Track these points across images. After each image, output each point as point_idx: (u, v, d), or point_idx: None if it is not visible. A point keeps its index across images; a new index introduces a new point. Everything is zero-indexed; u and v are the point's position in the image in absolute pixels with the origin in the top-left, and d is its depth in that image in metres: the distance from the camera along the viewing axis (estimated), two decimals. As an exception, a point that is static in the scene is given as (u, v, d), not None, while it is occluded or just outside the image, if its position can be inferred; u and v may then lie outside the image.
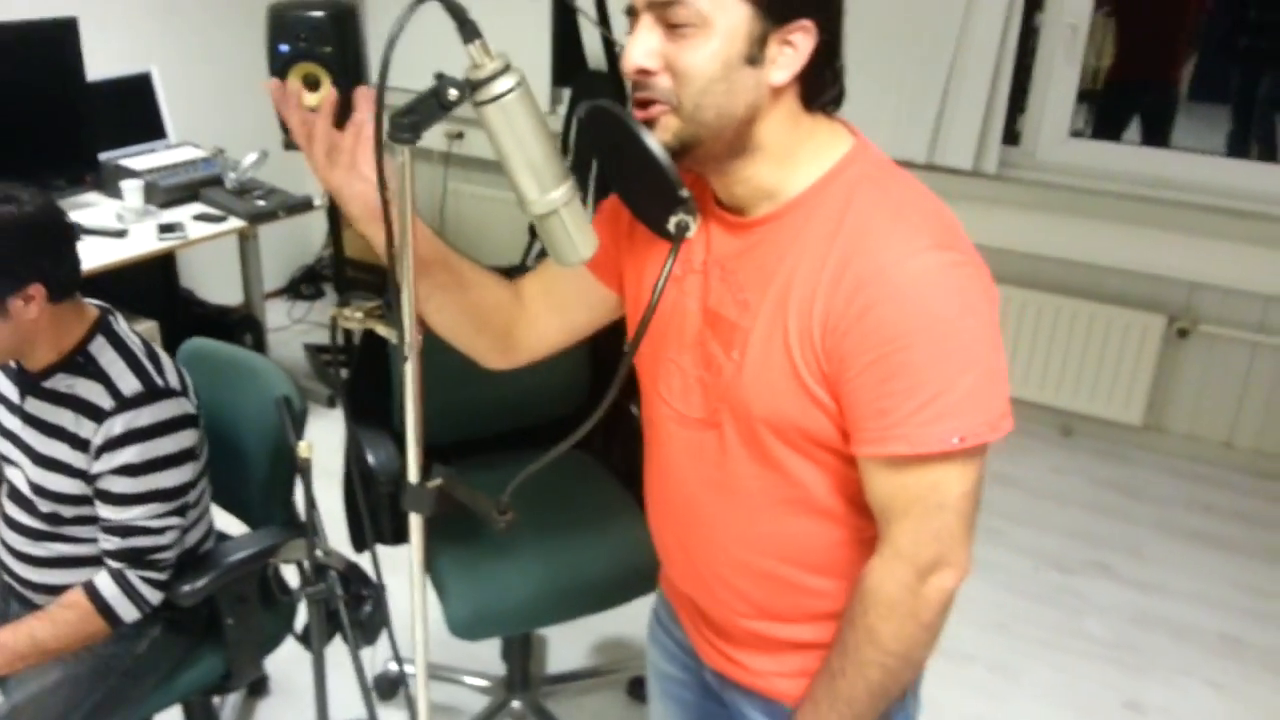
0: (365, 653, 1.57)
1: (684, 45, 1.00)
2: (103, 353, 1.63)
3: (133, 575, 1.59)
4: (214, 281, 3.87)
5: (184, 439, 1.63)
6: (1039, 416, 3.73)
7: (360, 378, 2.19)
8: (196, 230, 3.03)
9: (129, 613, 1.60)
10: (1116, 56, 4.06)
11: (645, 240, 1.18)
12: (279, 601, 1.74)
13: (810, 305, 1.03)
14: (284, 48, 1.91)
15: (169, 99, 3.41)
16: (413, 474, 1.08)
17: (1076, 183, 3.47)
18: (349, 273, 3.87)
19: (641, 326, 1.02)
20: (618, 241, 1.25)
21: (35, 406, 1.64)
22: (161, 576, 1.63)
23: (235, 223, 3.11)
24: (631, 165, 1.03)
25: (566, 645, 2.61)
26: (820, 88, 1.07)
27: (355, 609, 1.53)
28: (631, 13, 1.03)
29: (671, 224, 1.00)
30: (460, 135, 4.24)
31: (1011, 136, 3.59)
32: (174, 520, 1.63)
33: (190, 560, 1.71)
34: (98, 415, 1.58)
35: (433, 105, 0.95)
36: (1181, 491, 3.39)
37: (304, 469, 1.43)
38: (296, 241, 4.50)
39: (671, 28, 1.00)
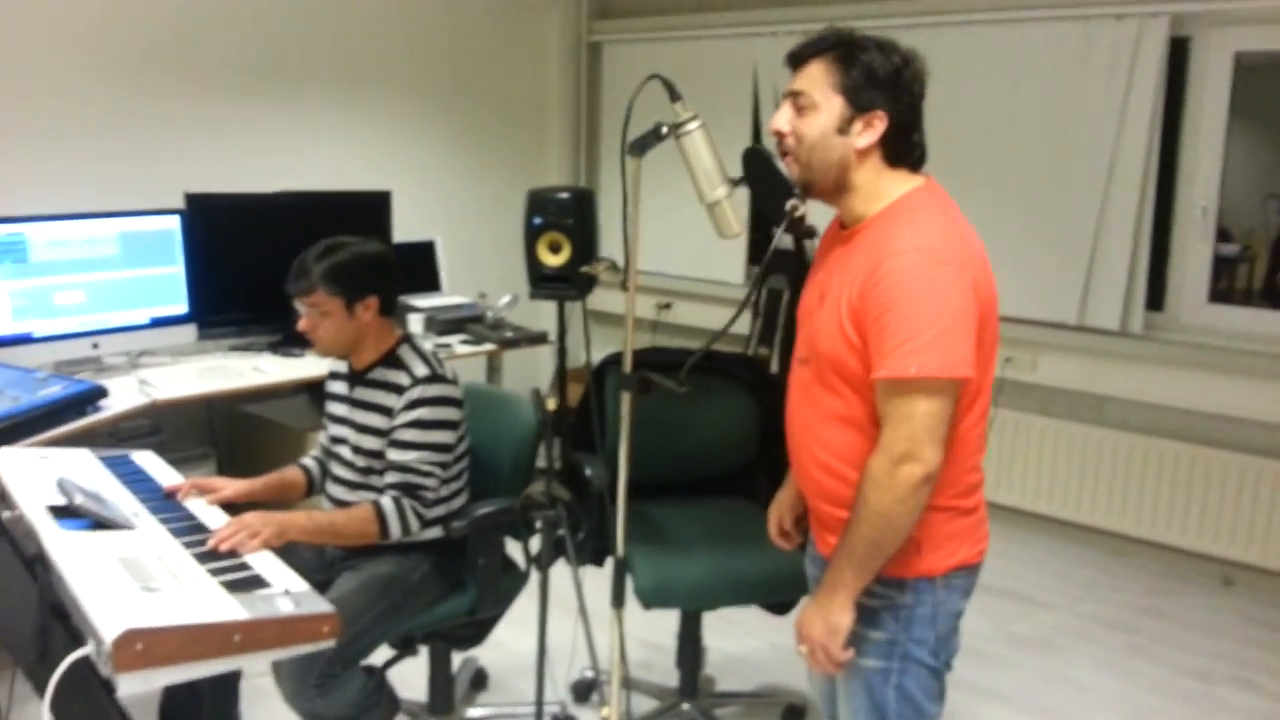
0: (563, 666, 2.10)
1: (803, 120, 1.66)
2: (406, 354, 2.40)
3: (404, 502, 2.26)
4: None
5: (452, 414, 2.35)
6: (1199, 566, 3.92)
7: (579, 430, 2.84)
8: (461, 350, 3.88)
9: (395, 528, 2.25)
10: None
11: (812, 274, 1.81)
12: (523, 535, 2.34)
13: (857, 280, 1.61)
14: (537, 220, 2.82)
15: (446, 256, 4.40)
16: (627, 367, 1.70)
17: (1219, 343, 3.82)
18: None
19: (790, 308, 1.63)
20: None
21: (360, 393, 2.40)
22: (423, 509, 2.28)
23: (488, 346, 3.95)
24: (768, 181, 1.68)
25: (731, 673, 3.06)
26: (899, 153, 1.67)
27: (575, 534, 2.11)
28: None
29: (788, 205, 1.64)
30: (669, 306, 5.02)
31: (1158, 303, 4.01)
32: (438, 470, 2.31)
33: (453, 515, 2.37)
34: (401, 390, 2.33)
35: (651, 136, 1.64)
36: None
37: (547, 420, 2.07)
38: (530, 372, 5.32)
39: (799, 109, 1.67)
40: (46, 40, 3.51)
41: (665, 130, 1.63)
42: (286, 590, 1.80)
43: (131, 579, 1.72)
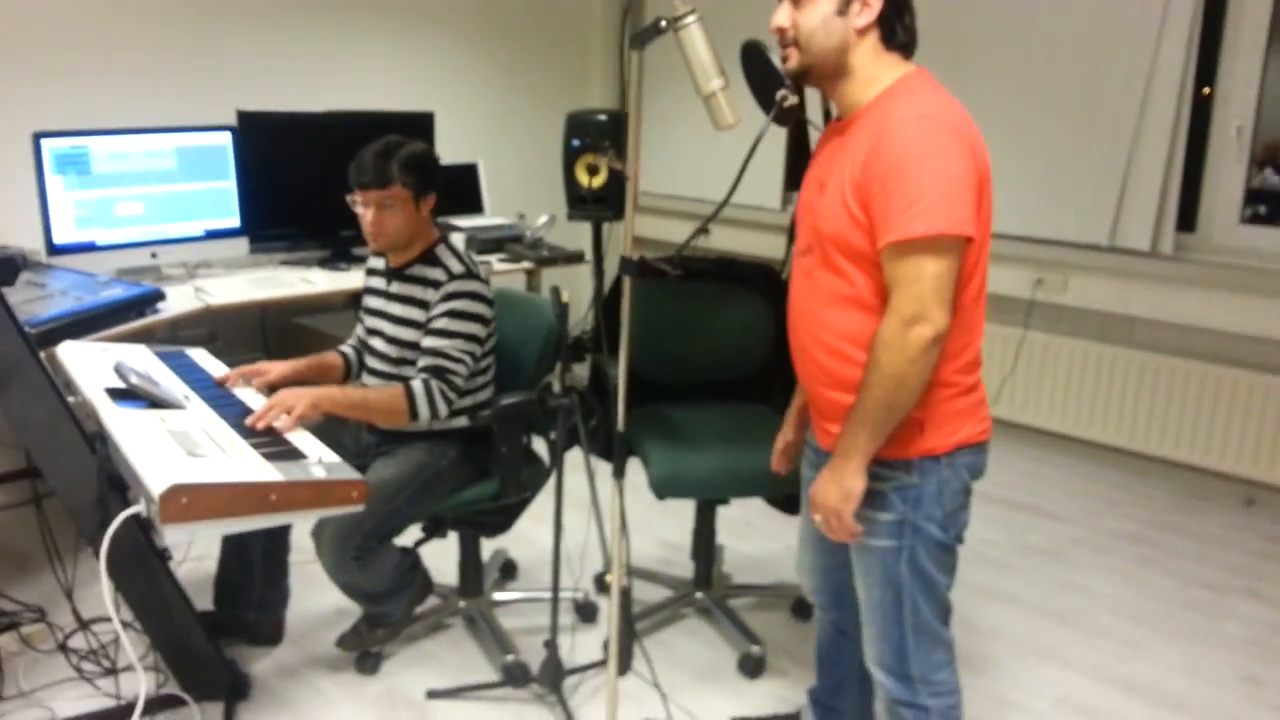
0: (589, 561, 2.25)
1: (802, 11, 1.74)
2: (443, 253, 2.54)
3: (434, 384, 2.42)
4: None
5: (483, 309, 2.50)
6: (1221, 485, 3.97)
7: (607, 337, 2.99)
8: (500, 268, 4.02)
9: (424, 409, 2.40)
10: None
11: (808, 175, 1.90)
12: (544, 428, 2.50)
13: (858, 159, 1.69)
14: (576, 142, 2.93)
15: (488, 177, 4.53)
16: (628, 249, 1.82)
17: (1250, 264, 3.83)
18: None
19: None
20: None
21: (398, 287, 2.56)
22: (451, 394, 2.44)
23: (526, 265, 4.09)
24: (763, 74, 1.77)
25: (746, 571, 3.23)
26: (893, 33, 1.75)
27: (587, 420, 2.26)
28: None
29: (777, 95, 1.73)
30: (708, 232, 5.06)
31: (1189, 224, 4.01)
32: (468, 359, 2.46)
33: (479, 406, 2.54)
34: (437, 285, 2.48)
35: (651, 30, 1.75)
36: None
37: (563, 312, 2.21)
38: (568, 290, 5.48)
39: (795, 2, 1.75)
40: (105, -36, 3.67)
41: (664, 24, 1.73)
42: (320, 459, 1.97)
43: (179, 447, 1.90)
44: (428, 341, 2.46)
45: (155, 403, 2.13)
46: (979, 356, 1.82)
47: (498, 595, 3.00)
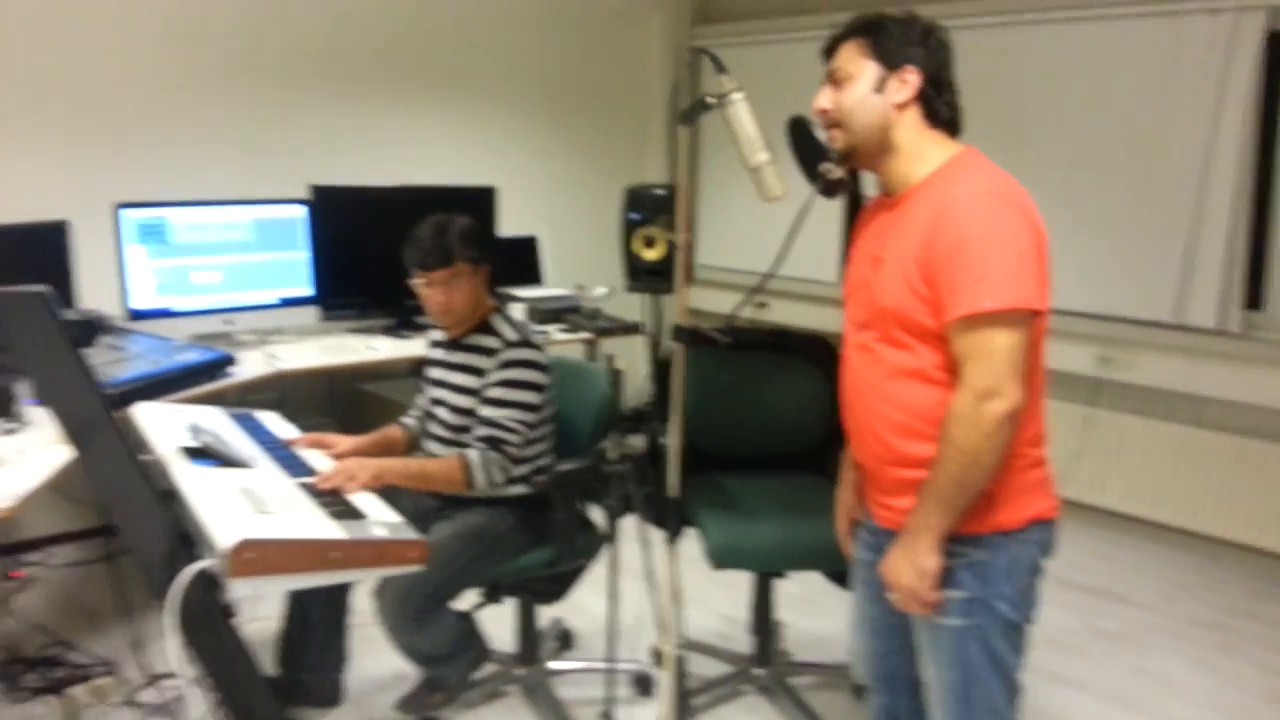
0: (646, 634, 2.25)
1: (842, 91, 1.77)
2: (498, 322, 2.61)
3: (489, 454, 2.46)
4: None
5: (539, 377, 2.54)
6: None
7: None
8: (559, 337, 4.08)
9: (480, 478, 2.43)
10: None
11: (852, 250, 1.92)
12: (599, 496, 2.50)
13: (917, 235, 1.70)
14: (634, 215, 3.02)
15: (548, 249, 4.62)
16: (680, 317, 1.85)
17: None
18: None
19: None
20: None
21: (457, 356, 2.62)
22: (506, 464, 2.47)
23: (585, 335, 4.14)
24: (809, 148, 1.81)
25: (806, 648, 3.17)
26: (935, 110, 1.77)
27: (641, 487, 2.26)
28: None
29: (823, 167, 1.75)
30: (764, 305, 5.08)
31: (1256, 302, 3.93)
32: (522, 428, 2.50)
33: (536, 473, 2.55)
34: (493, 354, 2.54)
35: (699, 106, 1.79)
36: None
37: (616, 379, 2.23)
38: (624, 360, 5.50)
39: (836, 84, 1.78)
40: (192, 45, 3.86)
41: (712, 101, 1.78)
42: (382, 520, 2.00)
43: (248, 504, 1.94)
44: (484, 411, 2.50)
45: (226, 461, 2.18)
46: (1044, 430, 1.81)
47: (554, 664, 2.98)
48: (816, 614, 3.44)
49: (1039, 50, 4.21)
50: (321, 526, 1.90)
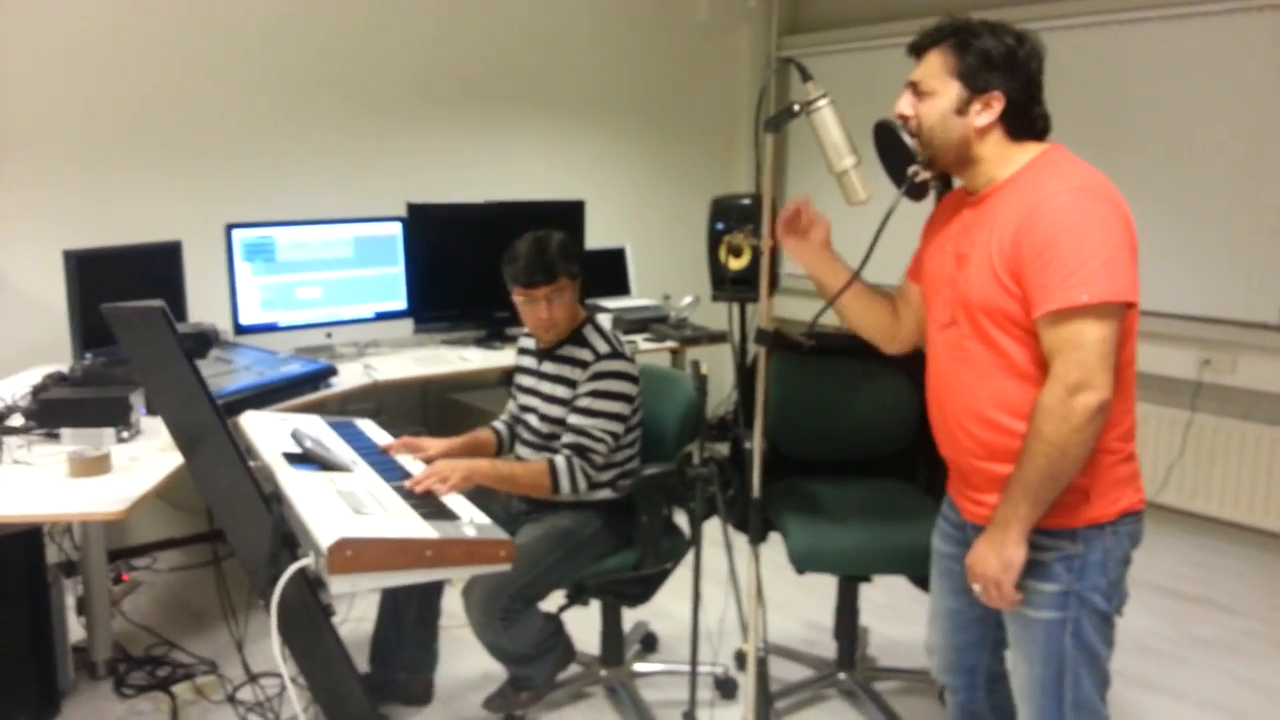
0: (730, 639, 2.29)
1: (923, 104, 1.80)
2: (590, 333, 2.67)
3: (575, 461, 2.53)
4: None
5: (628, 388, 2.60)
6: None
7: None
8: (645, 347, 4.15)
9: (565, 484, 2.51)
10: None
11: (929, 244, 1.95)
12: (684, 500, 2.55)
13: (1005, 232, 1.72)
14: (720, 225, 3.06)
15: (635, 260, 4.70)
16: (764, 322, 1.89)
17: None
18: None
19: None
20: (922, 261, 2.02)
21: (549, 367, 2.69)
22: (592, 471, 2.54)
23: (670, 344, 4.20)
24: (895, 151, 1.83)
25: (892, 655, 3.16)
26: (1020, 128, 1.78)
27: (725, 490, 2.30)
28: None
29: (909, 170, 1.78)
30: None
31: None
32: (609, 438, 2.57)
33: (622, 476, 2.62)
34: (585, 365, 2.60)
35: (785, 113, 1.83)
36: None
37: (702, 384, 2.28)
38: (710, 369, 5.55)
39: (919, 95, 1.81)
40: (296, 75, 4.06)
41: (798, 108, 1.82)
42: (472, 520, 2.08)
43: (347, 506, 2.05)
44: (573, 419, 2.58)
45: (326, 466, 2.30)
46: (1135, 424, 1.80)
47: (638, 666, 3.04)
48: (902, 621, 3.43)
49: (1142, 49, 4.13)
50: (414, 526, 1.99)
